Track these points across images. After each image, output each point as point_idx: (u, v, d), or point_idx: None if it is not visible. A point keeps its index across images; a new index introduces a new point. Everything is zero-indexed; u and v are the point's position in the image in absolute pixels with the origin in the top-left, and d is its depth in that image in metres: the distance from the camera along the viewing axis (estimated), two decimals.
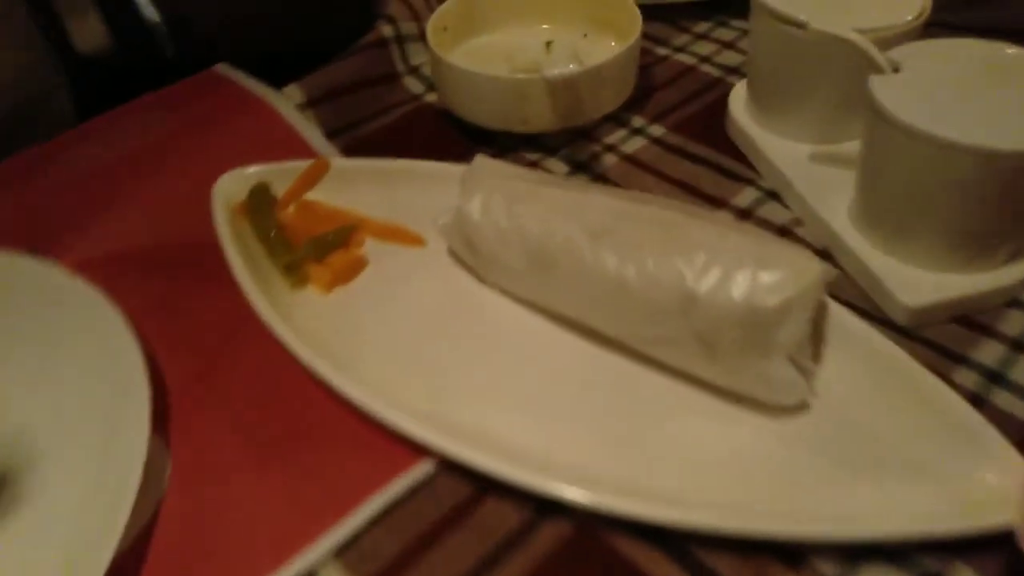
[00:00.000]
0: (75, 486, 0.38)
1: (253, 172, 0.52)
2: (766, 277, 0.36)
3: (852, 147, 0.52)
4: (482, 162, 0.46)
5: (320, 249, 0.48)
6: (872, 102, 0.42)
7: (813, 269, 0.36)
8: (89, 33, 0.64)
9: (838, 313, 0.41)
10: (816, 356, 0.40)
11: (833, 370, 0.40)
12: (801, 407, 0.39)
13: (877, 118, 0.42)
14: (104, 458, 0.39)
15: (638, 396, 0.40)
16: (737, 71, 0.64)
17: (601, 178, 0.55)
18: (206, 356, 0.45)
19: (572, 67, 0.50)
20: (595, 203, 0.41)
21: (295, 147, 0.56)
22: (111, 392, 0.41)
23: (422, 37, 0.64)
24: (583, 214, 0.41)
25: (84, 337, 0.44)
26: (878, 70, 0.43)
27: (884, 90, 0.42)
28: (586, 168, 0.56)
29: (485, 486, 0.37)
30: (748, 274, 0.36)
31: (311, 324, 0.45)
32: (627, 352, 0.42)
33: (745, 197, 0.53)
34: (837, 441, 0.38)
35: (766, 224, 0.51)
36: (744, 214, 0.51)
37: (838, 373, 0.40)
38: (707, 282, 0.37)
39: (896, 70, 0.43)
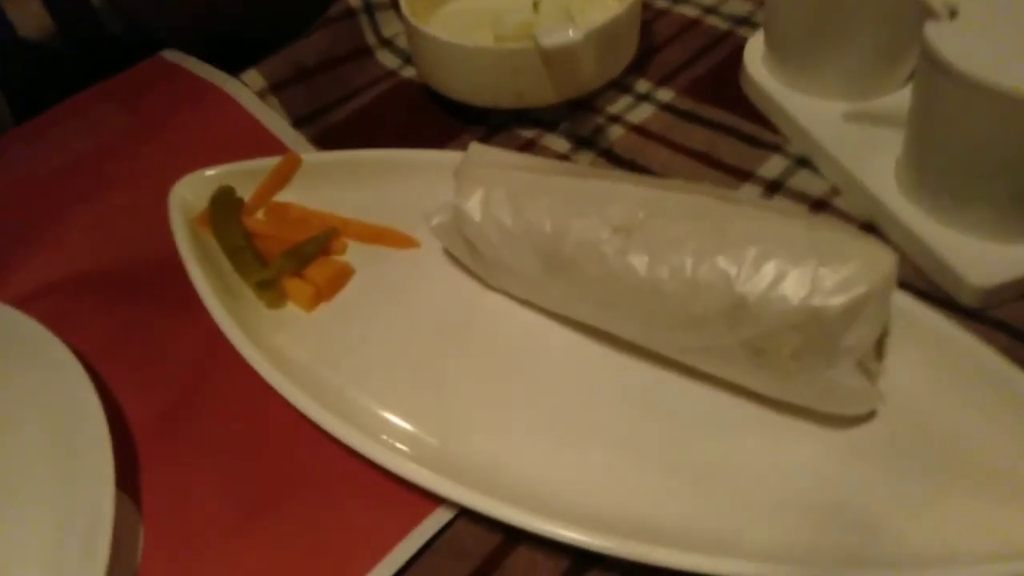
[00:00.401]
0: (31, 564, 0.32)
1: (214, 174, 0.45)
2: (829, 273, 0.30)
3: (894, 102, 0.46)
4: (478, 151, 0.40)
5: (297, 260, 0.42)
6: (929, 51, 0.36)
7: (884, 261, 0.31)
8: (31, 17, 0.56)
9: (896, 298, 0.35)
10: (878, 353, 0.35)
11: (898, 367, 0.35)
12: (868, 416, 0.34)
13: (934, 69, 0.36)
14: (63, 524, 0.33)
15: (677, 414, 0.35)
16: (747, 21, 0.57)
17: (607, 153, 0.49)
18: (176, 395, 0.39)
19: (571, 32, 0.43)
20: (616, 192, 0.35)
21: (259, 141, 0.50)
22: (66, 445, 0.35)
23: (394, 4, 0.57)
24: (603, 206, 0.35)
25: (28, 381, 0.38)
26: (933, 15, 0.37)
27: (942, 38, 0.36)
28: (590, 143, 0.50)
29: (515, 533, 0.32)
30: (807, 271, 0.31)
31: (293, 350, 0.39)
32: (659, 360, 0.36)
33: (772, 166, 0.47)
34: (915, 454, 0.33)
35: (799, 196, 0.45)
36: (773, 186, 0.46)
37: (904, 370, 0.35)
38: (758, 283, 0.31)
39: (953, 15, 0.37)
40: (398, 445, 0.34)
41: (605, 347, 0.37)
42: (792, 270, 0.31)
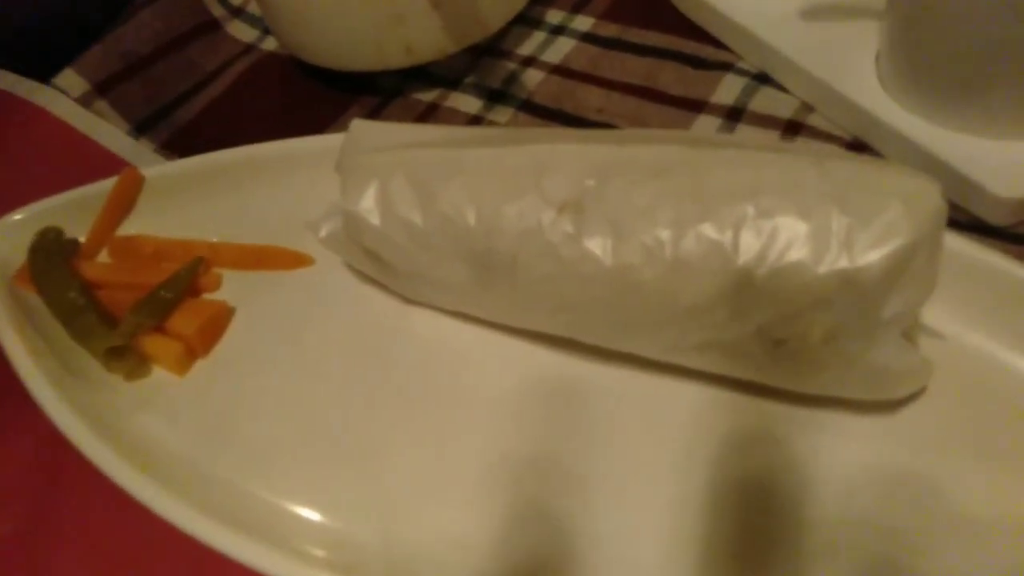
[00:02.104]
0: None
1: (24, 217, 0.34)
2: (856, 223, 0.23)
3: None
4: (362, 131, 0.30)
5: (155, 311, 0.32)
6: None
7: (926, 194, 0.23)
8: None
9: None
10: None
11: (933, 318, 0.27)
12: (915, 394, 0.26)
13: None
14: None
15: (683, 430, 0.27)
16: None
17: (528, 106, 0.40)
18: (21, 513, 0.29)
19: None
20: (553, 157, 0.27)
21: (90, 161, 0.39)
22: None
23: None
24: (539, 179, 0.26)
25: None
26: None
27: None
28: (505, 96, 0.41)
29: None
30: (826, 224, 0.23)
31: (165, 434, 0.29)
32: (651, 366, 0.28)
33: (727, 89, 0.38)
34: (977, 426, 0.25)
35: (766, 120, 0.37)
36: (732, 113, 0.37)
37: (944, 317, 0.27)
38: (764, 251, 0.23)
39: None
40: (319, 553, 0.25)
41: (580, 358, 0.29)
42: (806, 226, 0.23)
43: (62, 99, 0.41)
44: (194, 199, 0.36)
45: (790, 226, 0.23)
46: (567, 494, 0.26)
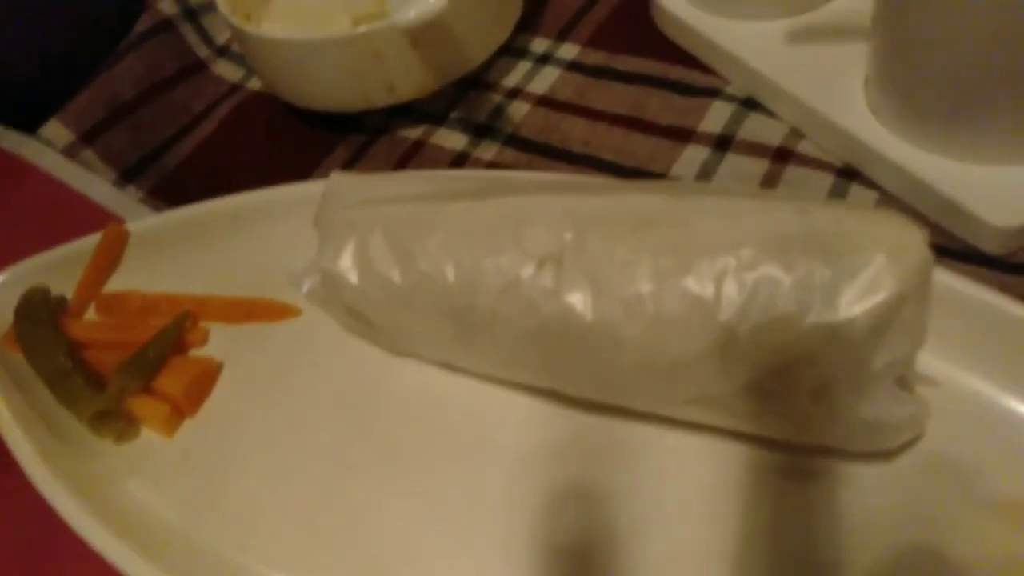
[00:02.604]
0: None
1: (12, 277, 0.34)
2: (840, 275, 0.22)
3: (845, 6, 0.38)
4: (340, 185, 0.30)
5: (142, 371, 0.31)
6: None
7: (912, 241, 0.22)
8: None
9: None
10: None
11: (930, 357, 0.27)
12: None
13: None
14: None
15: (676, 480, 0.26)
16: None
17: (515, 140, 0.39)
18: None
19: (432, 0, 0.33)
20: (532, 208, 0.26)
21: (77, 215, 0.39)
22: None
23: None
24: (518, 232, 0.26)
25: None
26: None
27: None
28: (491, 131, 0.40)
29: None
30: (809, 277, 0.22)
31: (155, 500, 0.29)
32: (629, 412, 0.27)
33: (715, 116, 0.38)
34: (981, 467, 0.25)
35: (756, 148, 0.36)
36: (721, 142, 0.37)
37: (939, 359, 0.27)
38: (747, 306, 0.22)
39: None
40: None
41: (571, 408, 0.28)
42: (789, 278, 0.22)
43: (47, 152, 0.41)
44: (180, 251, 0.36)
45: (773, 279, 0.22)
46: (563, 550, 0.26)
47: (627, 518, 0.26)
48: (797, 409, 0.23)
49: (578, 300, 0.24)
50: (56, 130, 0.42)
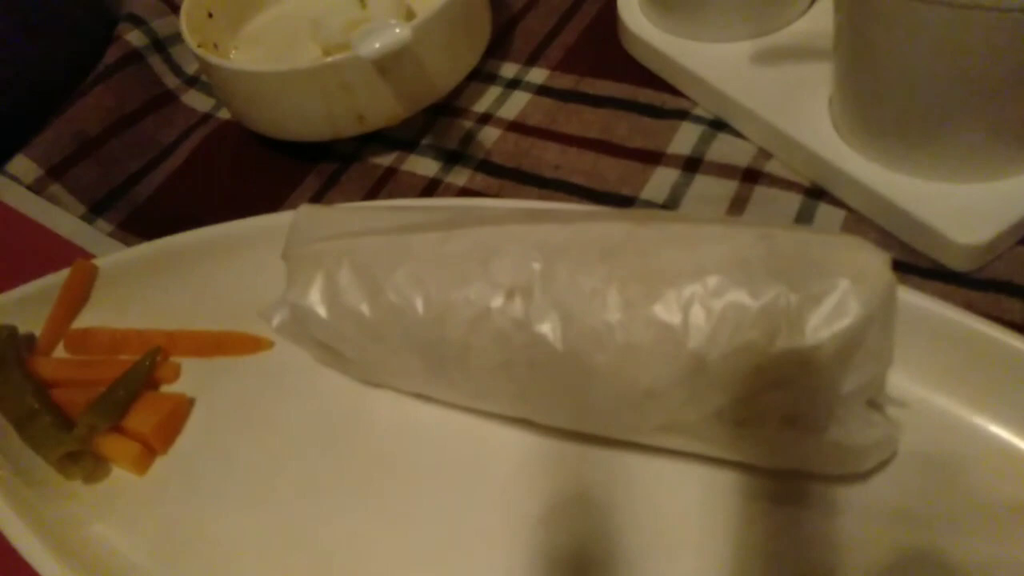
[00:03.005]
0: None
1: None
2: (805, 301, 0.22)
3: (806, 28, 0.39)
4: (308, 217, 0.30)
5: (111, 410, 0.31)
6: None
7: (875, 265, 0.22)
8: None
9: None
10: None
11: (900, 378, 0.27)
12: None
13: None
14: None
15: (657, 507, 0.26)
16: None
17: (486, 165, 0.40)
18: None
19: (396, 31, 0.33)
20: (499, 238, 0.26)
21: (46, 251, 0.38)
22: None
23: None
24: (486, 262, 0.26)
25: None
26: None
27: None
28: (462, 157, 0.40)
29: None
30: (774, 303, 0.22)
31: (125, 545, 0.28)
32: (607, 439, 0.27)
33: (684, 138, 0.38)
34: (954, 486, 0.25)
35: (724, 169, 0.36)
36: (690, 163, 0.37)
37: (908, 380, 0.27)
38: (714, 334, 0.23)
39: None
40: None
41: (547, 436, 0.28)
42: (755, 304, 0.22)
43: (14, 187, 0.41)
44: (150, 286, 0.35)
45: (740, 305, 0.22)
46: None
47: (609, 545, 0.26)
48: (768, 434, 0.23)
49: (548, 330, 0.24)
50: (23, 164, 0.42)
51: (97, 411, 0.31)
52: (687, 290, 0.23)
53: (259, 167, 0.43)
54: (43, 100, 0.45)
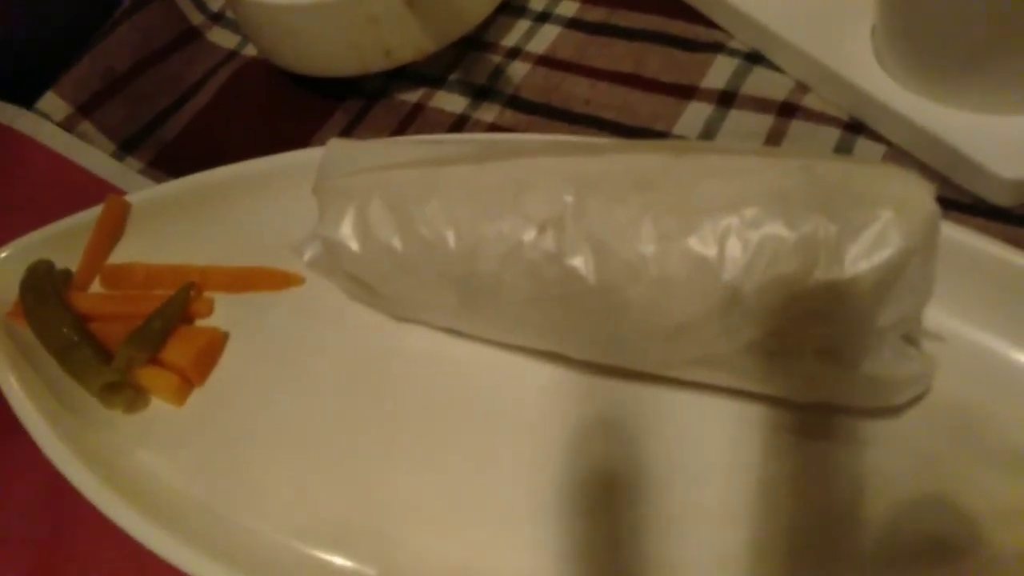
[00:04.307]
0: None
1: (15, 251, 0.34)
2: (845, 231, 0.22)
3: None
4: (338, 152, 0.29)
5: (149, 342, 0.32)
6: None
7: (918, 196, 0.22)
8: None
9: None
10: None
11: (937, 312, 0.26)
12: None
13: None
14: None
15: (685, 440, 0.26)
16: None
17: (515, 101, 0.39)
18: (28, 562, 0.29)
19: None
20: (531, 171, 0.26)
21: (76, 188, 0.39)
22: None
23: None
24: (518, 196, 0.25)
25: None
26: None
27: None
28: (491, 93, 0.40)
29: None
30: (814, 234, 0.22)
31: (166, 470, 0.29)
32: (636, 373, 0.27)
33: (718, 72, 0.37)
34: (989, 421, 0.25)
35: (760, 103, 0.36)
36: (725, 98, 0.36)
37: (946, 314, 0.26)
38: (751, 265, 0.22)
39: None
40: None
41: (577, 370, 0.28)
42: (793, 236, 0.22)
43: (45, 124, 0.41)
44: (182, 222, 0.36)
45: (777, 237, 0.22)
46: (574, 511, 0.26)
47: (641, 478, 0.26)
48: (802, 367, 0.23)
49: (580, 263, 0.24)
50: (53, 102, 0.42)
51: (135, 342, 0.31)
52: (723, 222, 0.23)
53: (286, 104, 0.42)
54: (69, 38, 0.45)
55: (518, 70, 0.40)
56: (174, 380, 0.31)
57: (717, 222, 0.23)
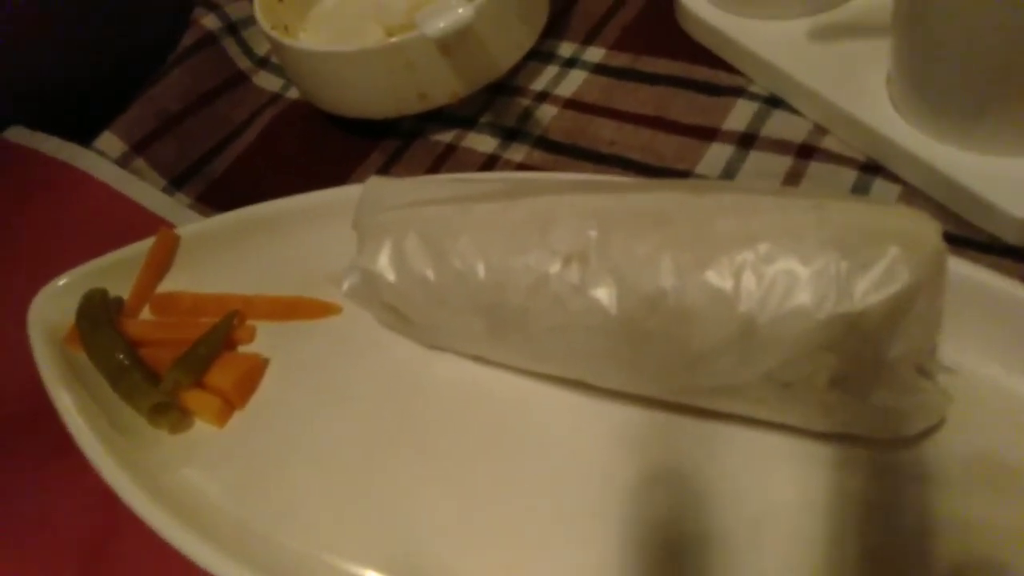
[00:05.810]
0: None
1: (72, 280, 0.37)
2: (855, 267, 0.23)
3: (863, 5, 0.38)
4: (377, 189, 0.31)
5: (194, 367, 0.33)
6: None
7: (926, 233, 0.23)
8: None
9: None
10: None
11: (951, 346, 0.27)
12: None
13: None
14: None
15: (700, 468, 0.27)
16: None
17: (543, 142, 0.41)
18: (82, 559, 0.31)
19: (460, 11, 0.35)
20: (557, 208, 0.27)
21: (130, 221, 0.41)
22: None
23: None
24: (544, 231, 0.27)
25: None
26: None
27: None
28: (520, 134, 0.41)
29: None
30: (826, 269, 0.23)
31: (208, 486, 0.31)
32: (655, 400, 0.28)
33: (739, 115, 0.39)
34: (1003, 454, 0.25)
35: (779, 145, 0.37)
36: (745, 140, 0.38)
37: (959, 347, 0.27)
38: (765, 298, 0.23)
39: None
40: None
41: (602, 398, 0.29)
42: (806, 271, 0.23)
43: (102, 162, 0.44)
44: (227, 253, 0.38)
45: (790, 272, 0.23)
46: (598, 535, 0.27)
47: (665, 505, 0.27)
48: (816, 397, 0.24)
49: (604, 295, 0.26)
50: (110, 141, 0.45)
51: (182, 367, 0.33)
52: (739, 257, 0.24)
53: (326, 144, 0.45)
54: (125, 82, 0.48)
55: (546, 113, 0.42)
56: (217, 403, 0.33)
57: (733, 257, 0.24)
